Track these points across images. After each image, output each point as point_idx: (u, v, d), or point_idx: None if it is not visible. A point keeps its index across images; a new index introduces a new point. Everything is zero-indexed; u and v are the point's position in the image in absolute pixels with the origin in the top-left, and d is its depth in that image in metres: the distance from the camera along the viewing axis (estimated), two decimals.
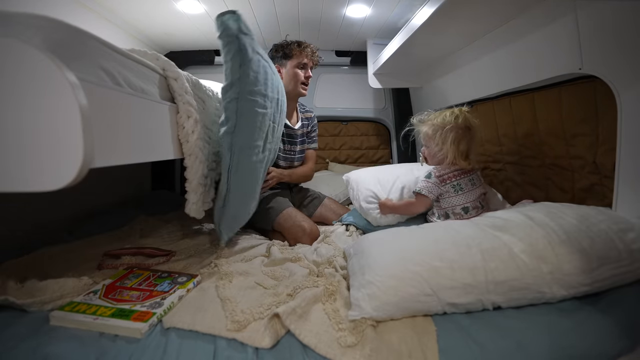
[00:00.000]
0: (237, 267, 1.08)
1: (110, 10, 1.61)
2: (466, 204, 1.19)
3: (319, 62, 1.70)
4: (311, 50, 1.62)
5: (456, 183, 1.20)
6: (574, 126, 1.12)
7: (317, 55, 1.66)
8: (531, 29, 1.12)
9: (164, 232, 1.47)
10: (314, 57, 1.64)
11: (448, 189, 1.20)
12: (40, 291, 0.84)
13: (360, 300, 0.75)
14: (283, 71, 1.62)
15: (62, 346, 0.68)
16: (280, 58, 1.61)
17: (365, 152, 2.57)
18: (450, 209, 1.21)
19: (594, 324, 0.69)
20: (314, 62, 1.66)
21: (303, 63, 1.61)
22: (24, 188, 0.50)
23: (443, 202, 1.22)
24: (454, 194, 1.20)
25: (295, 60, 1.60)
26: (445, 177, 1.21)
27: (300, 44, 1.60)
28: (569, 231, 0.80)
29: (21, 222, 1.26)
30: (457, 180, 1.20)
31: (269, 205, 1.53)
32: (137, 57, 0.79)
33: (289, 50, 1.60)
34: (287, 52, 1.60)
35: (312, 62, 1.65)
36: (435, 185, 1.20)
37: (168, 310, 0.82)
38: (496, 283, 0.75)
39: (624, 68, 0.87)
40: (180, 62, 2.13)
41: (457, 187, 1.19)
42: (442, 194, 1.21)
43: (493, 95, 1.49)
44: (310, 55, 1.62)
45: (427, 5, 1.17)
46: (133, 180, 2.16)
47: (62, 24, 0.56)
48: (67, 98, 0.48)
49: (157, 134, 0.86)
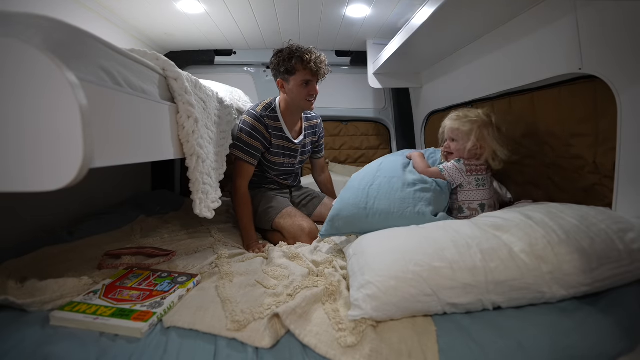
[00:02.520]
0: (237, 267, 1.08)
1: (110, 10, 1.61)
2: (484, 201, 1.19)
3: (326, 74, 1.51)
4: (316, 66, 1.43)
5: (481, 177, 1.19)
6: (574, 126, 1.12)
7: (323, 68, 1.47)
8: (531, 29, 1.12)
9: (164, 232, 1.47)
10: (320, 72, 1.46)
11: (471, 181, 1.18)
12: (40, 291, 0.84)
13: (360, 300, 0.74)
14: (286, 87, 1.49)
15: (63, 346, 0.68)
16: (283, 73, 1.46)
17: (365, 152, 2.57)
18: (467, 203, 1.20)
19: (594, 324, 0.69)
20: (320, 75, 1.48)
21: (307, 80, 1.46)
22: (24, 188, 0.50)
23: (461, 194, 1.20)
24: (475, 188, 1.19)
25: (299, 77, 1.44)
26: (474, 168, 1.19)
27: (303, 59, 1.41)
28: (569, 231, 0.80)
29: (21, 222, 1.26)
30: (482, 175, 1.19)
31: (268, 205, 1.53)
32: (137, 57, 0.79)
33: (291, 67, 1.42)
34: (289, 69, 1.43)
35: (318, 77, 1.49)
36: (460, 173, 1.18)
37: (168, 310, 0.82)
38: (496, 283, 0.74)
39: (624, 68, 0.87)
40: (180, 62, 2.14)
41: (480, 181, 1.19)
42: (462, 185, 1.19)
43: (493, 95, 1.49)
44: (316, 71, 1.44)
45: (427, 5, 1.17)
46: (133, 180, 2.16)
47: (62, 24, 0.56)
48: (67, 98, 0.48)
49: (157, 134, 0.86)
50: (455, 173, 1.18)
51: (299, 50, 1.43)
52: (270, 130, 1.52)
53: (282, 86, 1.50)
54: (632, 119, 0.87)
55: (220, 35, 2.05)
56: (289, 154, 1.62)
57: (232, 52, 2.33)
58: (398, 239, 0.92)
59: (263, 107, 1.54)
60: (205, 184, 1.10)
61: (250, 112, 1.52)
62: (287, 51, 1.44)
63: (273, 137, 1.54)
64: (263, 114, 1.51)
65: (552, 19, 1.03)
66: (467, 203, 1.20)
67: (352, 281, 0.84)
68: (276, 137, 1.55)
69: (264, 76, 2.44)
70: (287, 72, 1.44)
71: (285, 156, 1.61)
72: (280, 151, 1.58)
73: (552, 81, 1.14)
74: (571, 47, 0.97)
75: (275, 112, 1.55)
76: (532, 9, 1.10)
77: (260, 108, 1.54)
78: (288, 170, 1.68)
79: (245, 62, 2.40)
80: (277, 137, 1.55)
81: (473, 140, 1.17)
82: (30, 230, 1.27)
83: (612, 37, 0.88)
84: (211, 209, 1.11)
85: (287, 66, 1.43)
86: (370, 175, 1.24)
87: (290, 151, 1.62)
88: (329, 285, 0.88)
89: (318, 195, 1.75)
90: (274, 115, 1.54)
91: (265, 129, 1.50)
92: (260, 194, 1.60)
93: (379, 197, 1.13)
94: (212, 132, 1.18)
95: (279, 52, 1.46)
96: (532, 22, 1.11)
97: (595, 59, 0.93)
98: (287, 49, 1.44)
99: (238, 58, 2.35)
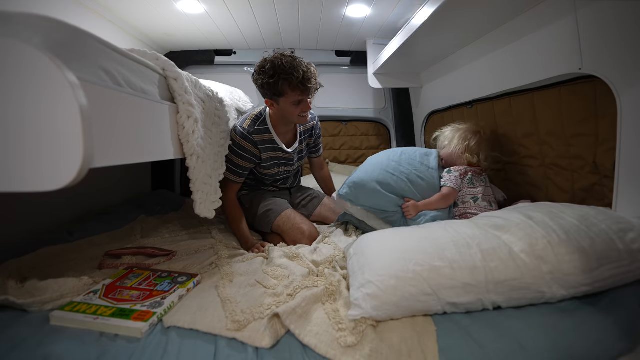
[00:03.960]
0: (237, 267, 1.08)
1: (110, 10, 1.61)
2: (477, 195, 1.31)
3: (318, 88, 1.40)
4: (304, 86, 1.30)
5: (470, 176, 1.33)
6: (574, 126, 1.12)
7: (314, 84, 1.34)
8: (531, 29, 1.12)
9: (164, 232, 1.47)
10: (310, 90, 1.34)
11: (465, 183, 1.33)
12: (41, 291, 0.84)
13: (360, 300, 0.74)
14: (276, 106, 1.37)
15: (63, 346, 0.68)
16: (270, 95, 1.34)
17: (366, 152, 2.57)
18: (460, 198, 1.33)
19: (595, 324, 0.69)
20: (311, 92, 1.36)
21: (298, 100, 1.34)
22: (24, 188, 0.50)
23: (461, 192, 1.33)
24: (467, 185, 1.33)
25: (289, 100, 1.33)
26: (462, 171, 1.34)
27: (290, 82, 1.27)
28: (569, 231, 0.80)
29: (21, 222, 1.26)
30: (471, 175, 1.34)
31: (268, 208, 1.52)
32: (137, 57, 0.79)
33: (278, 91, 1.30)
34: (276, 93, 1.31)
35: (309, 94, 1.36)
36: (458, 178, 1.32)
37: (168, 309, 0.82)
38: (496, 283, 0.75)
39: (623, 68, 0.87)
40: (180, 62, 2.15)
41: (470, 180, 1.33)
42: (462, 188, 1.32)
43: (493, 95, 1.49)
44: (304, 90, 1.31)
45: (427, 5, 1.17)
46: (133, 180, 2.16)
47: (62, 24, 0.56)
48: (67, 98, 0.48)
49: (157, 134, 0.86)
50: (455, 180, 1.32)
51: (283, 70, 1.26)
52: (260, 146, 1.43)
53: (271, 105, 1.39)
54: (632, 119, 0.87)
55: (220, 35, 2.05)
56: (283, 163, 1.54)
57: (232, 52, 2.33)
58: (398, 238, 0.92)
59: (251, 122, 1.44)
60: (206, 184, 1.10)
61: (238, 130, 1.43)
62: (270, 70, 1.28)
63: (263, 152, 1.45)
64: (251, 130, 1.42)
65: (552, 19, 1.03)
66: (461, 197, 1.33)
67: (352, 280, 0.84)
68: (267, 149, 1.46)
69: None
70: (275, 95, 1.33)
71: (279, 166, 1.54)
72: (273, 162, 1.51)
73: (552, 81, 1.14)
74: (571, 47, 0.97)
75: (265, 124, 1.45)
76: (532, 9, 1.10)
77: (248, 123, 1.43)
78: (285, 176, 1.64)
79: (245, 62, 2.40)
80: (268, 150, 1.47)
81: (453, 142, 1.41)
82: (30, 230, 1.27)
83: (612, 37, 0.88)
84: (211, 209, 1.11)
85: (273, 90, 1.31)
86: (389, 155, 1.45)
87: (285, 160, 1.54)
88: (329, 285, 0.88)
89: (318, 196, 1.74)
90: (263, 128, 1.44)
91: (254, 146, 1.42)
92: (259, 196, 1.59)
93: (401, 162, 1.37)
94: (212, 132, 1.18)
95: (262, 69, 1.31)
96: (532, 22, 1.11)
97: (595, 59, 0.93)
98: (270, 66, 1.28)
99: (238, 58, 2.36)
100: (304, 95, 1.34)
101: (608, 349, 0.64)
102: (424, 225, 1.00)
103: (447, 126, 1.50)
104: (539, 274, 0.75)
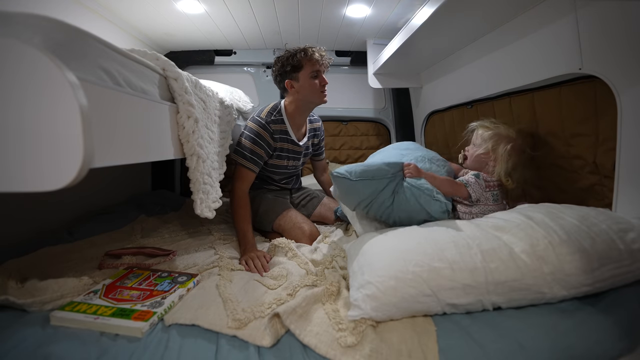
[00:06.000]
0: (237, 267, 1.08)
1: (111, 10, 1.61)
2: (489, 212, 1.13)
3: (329, 64, 1.53)
4: (319, 55, 1.46)
5: (496, 192, 1.19)
6: (574, 126, 1.12)
7: (326, 58, 1.49)
8: (531, 29, 1.12)
9: (164, 231, 1.47)
10: (324, 61, 1.48)
11: (488, 196, 1.18)
12: (41, 291, 0.84)
13: (359, 300, 0.74)
14: (296, 85, 1.48)
15: (63, 346, 0.68)
16: (290, 72, 1.47)
17: (366, 152, 2.57)
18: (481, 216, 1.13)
19: (595, 324, 0.69)
20: (325, 66, 1.50)
21: (316, 71, 1.46)
22: (24, 188, 0.50)
23: (477, 207, 1.17)
24: (492, 203, 1.17)
25: (308, 70, 1.45)
26: (490, 183, 1.19)
27: (306, 52, 1.45)
28: (569, 231, 0.79)
29: (21, 222, 1.26)
30: (497, 190, 1.19)
31: (269, 207, 1.53)
32: (137, 57, 0.79)
33: (297, 61, 1.45)
34: (295, 64, 1.45)
35: (324, 67, 1.50)
36: (481, 188, 1.16)
37: (168, 309, 0.82)
38: (496, 283, 0.74)
39: (623, 68, 0.87)
40: (180, 62, 2.15)
41: (495, 196, 1.18)
42: (480, 199, 1.16)
43: (493, 95, 1.49)
44: (320, 60, 1.46)
45: (427, 5, 1.17)
46: (133, 180, 2.16)
47: (62, 24, 0.56)
48: (67, 98, 0.48)
49: (157, 134, 0.86)
50: (476, 187, 1.16)
51: (300, 48, 1.46)
52: (276, 135, 1.50)
53: (291, 86, 1.49)
54: (632, 119, 0.87)
55: (220, 35, 2.05)
56: (293, 156, 1.60)
57: (232, 52, 2.33)
58: (398, 239, 0.92)
59: (268, 112, 1.52)
60: (206, 183, 1.10)
61: (255, 119, 1.50)
62: (287, 53, 1.48)
63: (278, 142, 1.52)
64: (268, 119, 1.49)
65: (552, 19, 1.03)
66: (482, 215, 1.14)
67: (351, 281, 0.84)
68: (281, 140, 1.53)
69: (264, 76, 2.44)
70: (293, 70, 1.46)
71: (289, 159, 1.60)
72: (284, 154, 1.57)
73: (552, 81, 1.14)
74: (571, 47, 0.97)
75: (281, 115, 1.53)
76: (532, 9, 1.10)
77: (265, 113, 1.51)
78: (291, 172, 1.68)
79: (245, 62, 2.40)
80: (282, 141, 1.53)
81: (486, 148, 1.20)
82: (30, 230, 1.26)
83: (612, 37, 0.88)
84: (212, 209, 1.11)
85: (292, 63, 1.45)
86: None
87: (295, 153, 1.61)
88: (329, 285, 0.88)
89: (317, 195, 1.75)
90: (279, 119, 1.52)
91: (270, 135, 1.48)
92: (260, 196, 1.60)
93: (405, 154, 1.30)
94: (212, 132, 1.18)
95: (279, 58, 1.50)
96: (532, 22, 1.11)
97: (595, 59, 0.93)
98: (286, 51, 1.49)
99: (238, 58, 2.35)
100: (321, 66, 1.47)
101: (608, 349, 0.64)
102: (424, 225, 0.99)
103: (489, 120, 1.28)
104: (540, 274, 0.75)
